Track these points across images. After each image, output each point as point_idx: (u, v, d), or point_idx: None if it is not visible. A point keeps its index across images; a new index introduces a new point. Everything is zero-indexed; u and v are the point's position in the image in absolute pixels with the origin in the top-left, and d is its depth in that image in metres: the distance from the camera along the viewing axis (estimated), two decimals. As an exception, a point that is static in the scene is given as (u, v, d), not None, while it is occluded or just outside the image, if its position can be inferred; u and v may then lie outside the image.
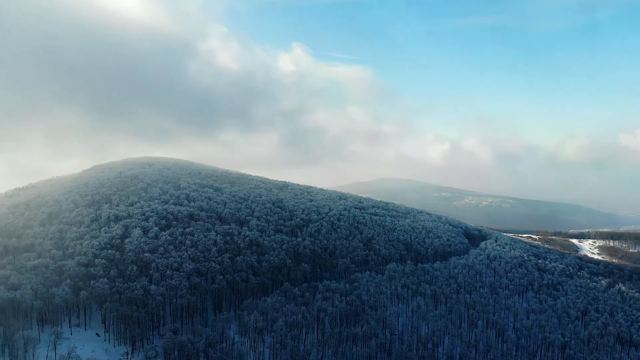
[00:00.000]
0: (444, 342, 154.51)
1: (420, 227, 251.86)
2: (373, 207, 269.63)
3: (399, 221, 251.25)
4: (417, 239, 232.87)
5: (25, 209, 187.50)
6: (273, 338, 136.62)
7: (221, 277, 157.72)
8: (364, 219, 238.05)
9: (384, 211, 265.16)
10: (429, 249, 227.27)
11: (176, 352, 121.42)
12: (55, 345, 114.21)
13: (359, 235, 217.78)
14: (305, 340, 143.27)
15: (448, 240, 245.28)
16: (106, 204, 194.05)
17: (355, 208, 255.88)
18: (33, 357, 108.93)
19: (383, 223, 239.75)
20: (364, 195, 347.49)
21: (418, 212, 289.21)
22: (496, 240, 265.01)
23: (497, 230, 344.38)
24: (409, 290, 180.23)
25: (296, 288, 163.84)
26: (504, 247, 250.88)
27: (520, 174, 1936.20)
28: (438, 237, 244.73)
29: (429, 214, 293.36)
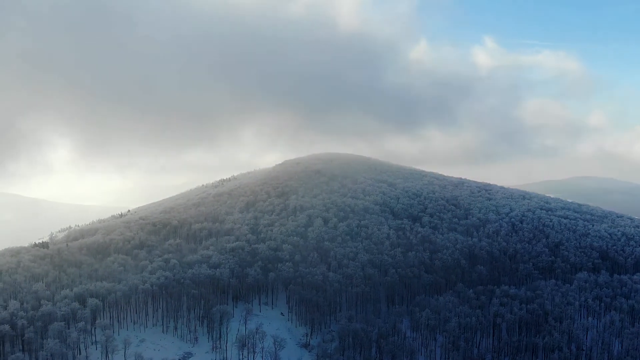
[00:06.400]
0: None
1: (620, 233, 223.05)
2: (562, 208, 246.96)
3: (593, 226, 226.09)
4: (614, 247, 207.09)
5: (227, 197, 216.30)
6: (445, 338, 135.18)
7: (393, 270, 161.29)
8: (550, 221, 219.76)
9: (575, 214, 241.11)
10: (629, 259, 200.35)
11: (350, 339, 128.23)
12: (245, 321, 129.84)
13: (544, 240, 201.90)
14: (479, 345, 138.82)
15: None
16: (293, 195, 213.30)
17: (541, 209, 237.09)
18: (227, 329, 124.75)
19: (574, 227, 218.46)
20: (552, 196, 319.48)
21: (617, 217, 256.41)
22: None
23: None
24: (602, 304, 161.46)
25: (471, 290, 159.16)
26: None
27: None
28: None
29: (631, 219, 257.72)
